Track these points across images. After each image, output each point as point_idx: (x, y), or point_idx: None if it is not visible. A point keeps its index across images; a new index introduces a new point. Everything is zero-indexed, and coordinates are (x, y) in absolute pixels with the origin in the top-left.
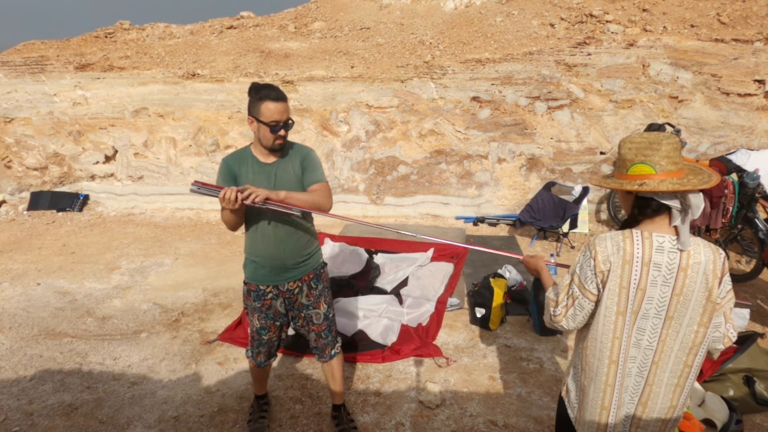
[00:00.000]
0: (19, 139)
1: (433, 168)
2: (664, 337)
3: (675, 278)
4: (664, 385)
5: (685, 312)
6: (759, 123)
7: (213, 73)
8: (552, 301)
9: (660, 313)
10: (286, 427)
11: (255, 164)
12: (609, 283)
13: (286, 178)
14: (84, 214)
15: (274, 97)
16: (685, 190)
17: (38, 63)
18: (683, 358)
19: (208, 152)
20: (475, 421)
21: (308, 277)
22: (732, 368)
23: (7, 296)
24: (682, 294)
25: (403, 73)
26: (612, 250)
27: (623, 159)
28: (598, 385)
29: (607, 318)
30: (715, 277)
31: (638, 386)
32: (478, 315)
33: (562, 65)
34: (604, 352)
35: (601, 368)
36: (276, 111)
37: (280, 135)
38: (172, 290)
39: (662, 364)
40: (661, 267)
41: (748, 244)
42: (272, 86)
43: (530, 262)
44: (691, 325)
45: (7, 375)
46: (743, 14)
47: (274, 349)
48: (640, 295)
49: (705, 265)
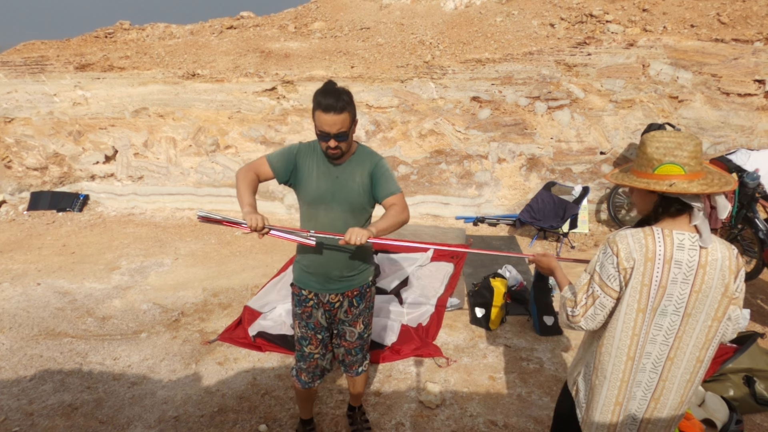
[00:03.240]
0: (19, 139)
1: (433, 168)
2: (681, 334)
3: (695, 275)
4: (678, 381)
5: (702, 308)
6: (759, 123)
7: (213, 73)
8: (569, 301)
9: (678, 310)
10: (287, 427)
11: (322, 161)
12: (632, 281)
13: (349, 185)
14: (84, 214)
15: (324, 108)
16: (712, 191)
17: (38, 63)
18: (697, 354)
19: (208, 152)
20: (475, 421)
21: (351, 293)
22: (732, 368)
23: (7, 296)
24: (701, 291)
25: (403, 73)
26: (634, 247)
27: (650, 158)
28: (613, 382)
29: (627, 315)
30: (731, 273)
31: (652, 382)
32: (478, 315)
33: (562, 65)
34: (622, 349)
35: (618, 365)
36: (324, 122)
37: (330, 146)
38: (172, 290)
39: (677, 360)
40: (681, 264)
41: (748, 244)
42: (331, 94)
43: (542, 261)
44: (706, 321)
45: (7, 375)
46: (743, 14)
47: (320, 371)
48: (661, 292)
49: (722, 261)
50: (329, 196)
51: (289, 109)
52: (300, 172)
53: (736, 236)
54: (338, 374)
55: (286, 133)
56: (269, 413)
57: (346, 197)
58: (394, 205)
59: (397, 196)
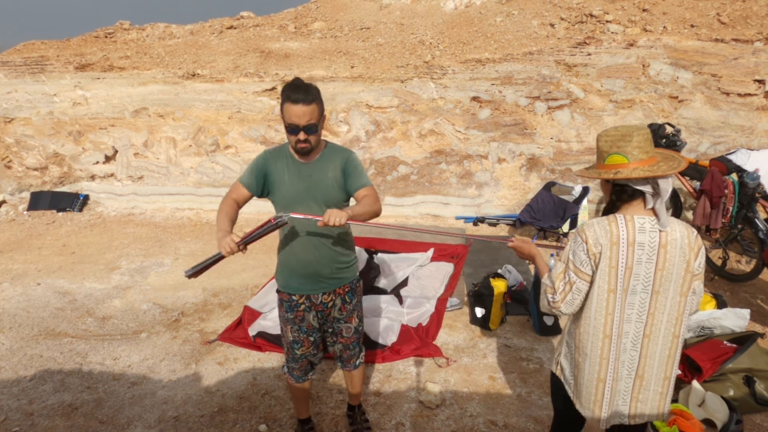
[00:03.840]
0: (19, 139)
1: (433, 168)
2: (652, 311)
3: (657, 255)
4: (658, 357)
5: (669, 285)
6: (759, 123)
7: (213, 73)
8: (549, 288)
9: (647, 288)
10: (287, 427)
11: (291, 162)
12: (600, 264)
13: (322, 181)
14: (84, 214)
15: (293, 100)
16: (655, 176)
17: (38, 63)
18: (671, 329)
19: (208, 152)
20: (475, 421)
21: (343, 290)
22: (732, 368)
23: (7, 296)
24: (664, 269)
25: (403, 73)
26: (600, 233)
27: (600, 151)
28: (593, 359)
29: (599, 296)
30: (691, 250)
31: (633, 360)
32: (478, 315)
33: (562, 65)
34: (598, 327)
35: (596, 343)
36: (294, 114)
37: (300, 139)
38: (172, 290)
39: (653, 336)
40: (644, 246)
41: (748, 244)
42: (297, 87)
43: (523, 247)
44: (675, 297)
45: (7, 375)
46: (743, 14)
47: (311, 366)
48: (628, 273)
49: (681, 240)
50: (304, 195)
51: None
52: (271, 177)
53: (736, 236)
54: (338, 374)
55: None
56: (269, 413)
57: (321, 194)
58: (367, 196)
59: (369, 188)
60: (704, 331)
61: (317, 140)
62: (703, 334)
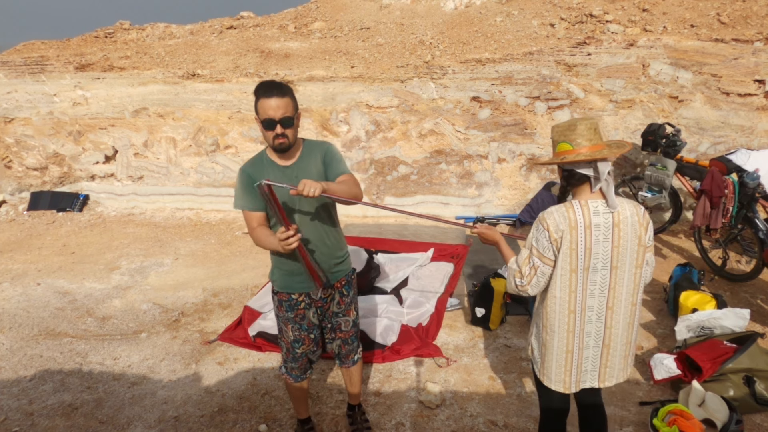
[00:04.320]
0: (19, 139)
1: (433, 168)
2: (613, 285)
3: (612, 234)
4: (621, 326)
5: (626, 260)
6: (759, 123)
7: (213, 73)
8: (517, 273)
9: (606, 265)
10: (287, 427)
11: (273, 168)
12: (562, 248)
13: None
14: (84, 214)
15: (266, 94)
16: (592, 159)
17: (38, 63)
18: (630, 299)
19: (208, 152)
20: (475, 421)
21: (340, 284)
22: (732, 368)
23: (7, 296)
24: (620, 246)
25: (403, 73)
26: (560, 220)
27: (552, 141)
28: (560, 334)
29: (563, 277)
30: (641, 226)
31: (600, 331)
32: (478, 315)
33: (562, 65)
34: (563, 305)
35: (562, 318)
36: (269, 107)
37: (277, 133)
38: (172, 290)
39: (616, 308)
40: (600, 227)
41: (748, 244)
42: (270, 83)
43: (486, 233)
44: (631, 269)
45: (7, 375)
46: (743, 14)
47: (310, 364)
48: (588, 253)
49: (631, 218)
50: (296, 198)
51: None
52: None
53: (736, 236)
54: (337, 374)
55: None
56: (269, 413)
57: None
58: (346, 181)
59: (349, 175)
60: (704, 331)
61: (294, 135)
62: (703, 334)
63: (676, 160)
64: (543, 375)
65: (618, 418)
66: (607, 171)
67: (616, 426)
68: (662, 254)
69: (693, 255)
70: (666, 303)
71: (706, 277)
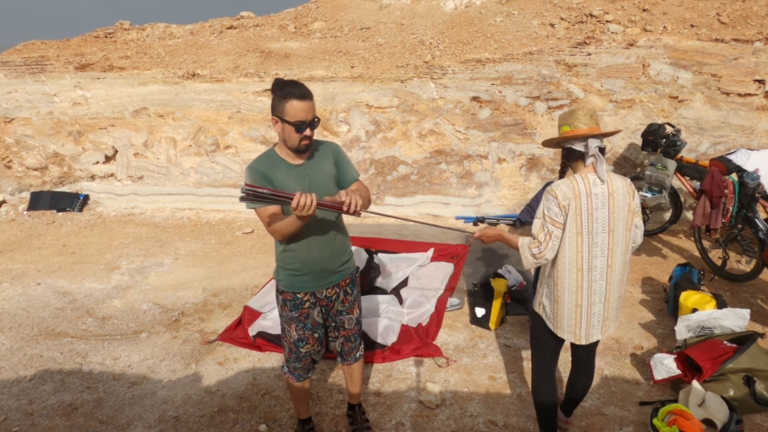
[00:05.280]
0: (19, 139)
1: (433, 168)
2: (611, 246)
3: (608, 202)
4: (616, 282)
5: (619, 224)
6: (759, 123)
7: (213, 73)
8: (533, 243)
9: (605, 228)
10: (287, 427)
11: (286, 167)
12: (569, 213)
13: (321, 178)
14: (84, 214)
15: (299, 95)
16: (581, 134)
17: (38, 63)
18: (623, 258)
19: (208, 152)
20: (475, 421)
21: (345, 282)
22: (732, 368)
23: (7, 296)
24: (614, 212)
25: (403, 73)
26: (566, 190)
27: (558, 126)
28: (570, 290)
29: (570, 239)
30: (629, 194)
31: (602, 288)
32: (478, 315)
33: (562, 65)
34: (572, 263)
35: (571, 276)
36: (301, 110)
37: (306, 135)
38: (172, 290)
39: (614, 266)
40: (598, 196)
41: (748, 244)
42: (297, 83)
43: (486, 232)
44: (624, 232)
45: (7, 375)
46: (743, 14)
47: (312, 363)
48: (590, 218)
49: (622, 189)
50: None
51: None
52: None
53: (736, 236)
54: (338, 374)
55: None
56: (269, 413)
57: (322, 192)
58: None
59: (359, 181)
60: (704, 331)
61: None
62: (703, 334)
63: (676, 160)
64: (557, 327)
65: (618, 418)
66: (595, 146)
67: (616, 426)
68: (662, 254)
69: (693, 255)
70: (666, 303)
71: (706, 277)
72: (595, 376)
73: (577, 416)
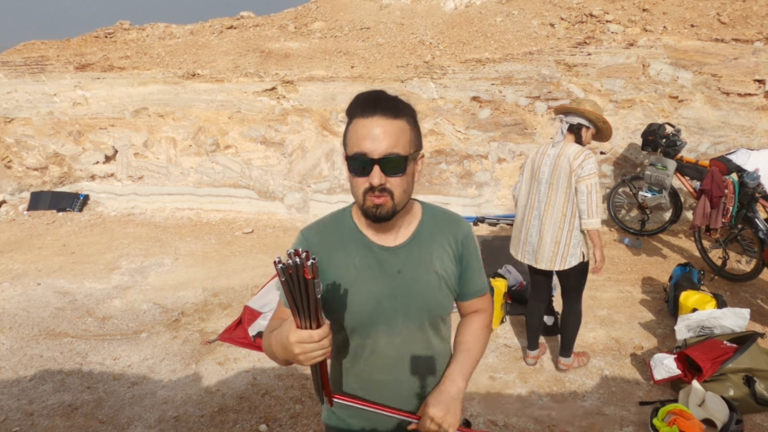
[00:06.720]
0: (19, 139)
1: (433, 168)
2: (551, 194)
3: (556, 161)
4: (551, 227)
5: (560, 181)
6: (759, 123)
7: (213, 73)
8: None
9: (548, 180)
10: (286, 427)
11: (363, 248)
12: (526, 165)
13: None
14: (84, 214)
15: (364, 111)
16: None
17: (38, 63)
18: (560, 209)
19: (208, 152)
20: (475, 421)
21: None
22: (732, 368)
23: (7, 296)
24: (557, 170)
25: (403, 73)
26: (533, 151)
27: None
28: (519, 218)
29: (525, 181)
30: (575, 159)
31: (538, 226)
32: None
33: (562, 65)
34: (522, 199)
35: (520, 207)
36: (364, 135)
37: (373, 183)
38: (172, 290)
39: (550, 211)
40: (549, 155)
41: (748, 244)
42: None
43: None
44: (564, 188)
45: (7, 375)
46: (743, 14)
47: None
48: (538, 171)
49: (569, 155)
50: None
51: (289, 109)
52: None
53: (736, 236)
54: None
55: (286, 133)
56: (269, 413)
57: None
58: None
59: (486, 296)
60: (704, 331)
61: (405, 193)
62: (703, 334)
63: (676, 160)
64: (511, 245)
65: (618, 418)
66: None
67: (616, 426)
68: (662, 254)
69: (693, 255)
70: (666, 303)
71: (706, 277)
72: (595, 375)
73: (577, 416)
